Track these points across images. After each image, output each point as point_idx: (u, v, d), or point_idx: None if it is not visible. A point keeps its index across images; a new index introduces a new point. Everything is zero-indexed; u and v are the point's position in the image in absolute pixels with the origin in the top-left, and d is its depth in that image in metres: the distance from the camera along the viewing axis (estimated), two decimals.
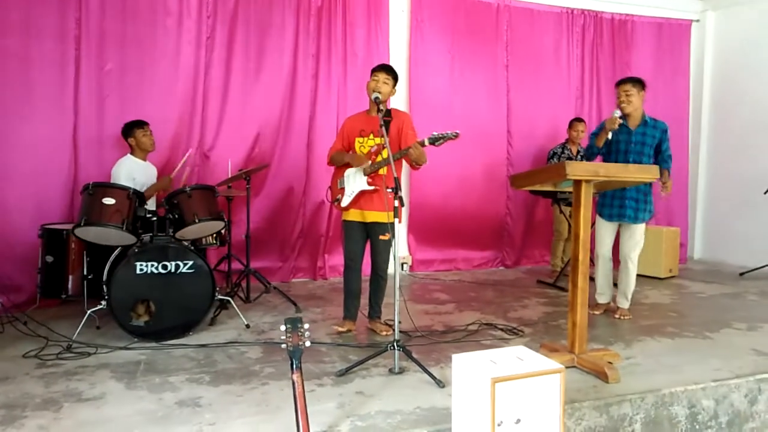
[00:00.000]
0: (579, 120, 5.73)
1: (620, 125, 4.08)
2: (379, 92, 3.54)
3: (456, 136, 3.29)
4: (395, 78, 3.71)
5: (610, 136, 4.07)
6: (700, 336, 3.83)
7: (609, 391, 2.83)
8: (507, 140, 6.24)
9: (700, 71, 6.98)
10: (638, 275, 5.72)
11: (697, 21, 6.98)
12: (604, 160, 4.25)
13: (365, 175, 3.63)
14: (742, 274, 5.99)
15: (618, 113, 4.02)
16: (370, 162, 3.60)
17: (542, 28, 6.37)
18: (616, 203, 4.19)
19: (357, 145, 3.73)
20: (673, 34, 6.88)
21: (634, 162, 4.09)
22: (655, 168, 3.15)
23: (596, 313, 4.37)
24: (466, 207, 6.08)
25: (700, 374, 3.06)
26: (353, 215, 3.74)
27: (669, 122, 6.69)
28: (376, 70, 3.70)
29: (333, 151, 3.83)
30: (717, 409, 2.93)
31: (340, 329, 3.82)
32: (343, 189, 3.74)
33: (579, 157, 5.53)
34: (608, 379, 2.92)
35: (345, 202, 3.72)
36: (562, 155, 5.56)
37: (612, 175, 3.08)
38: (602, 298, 4.43)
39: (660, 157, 4.24)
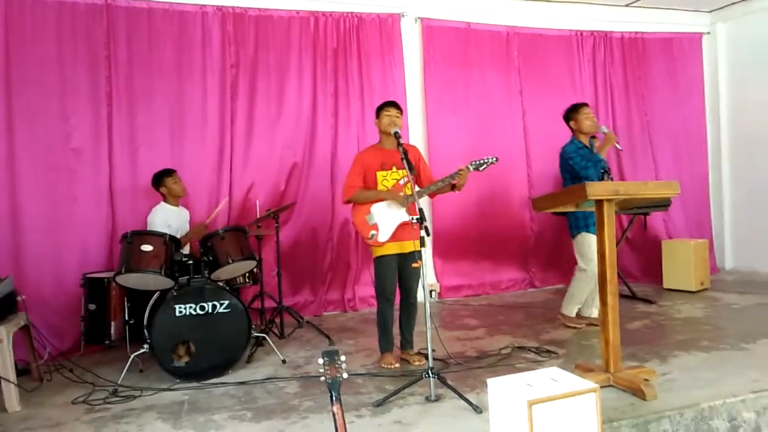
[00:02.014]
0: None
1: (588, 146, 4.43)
2: (397, 126, 3.69)
3: (496, 161, 3.62)
4: (401, 112, 3.86)
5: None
6: (736, 348, 3.80)
7: (647, 408, 2.84)
8: (526, 162, 6.31)
9: (715, 82, 6.99)
10: (670, 290, 5.79)
11: (708, 33, 7.04)
12: (585, 178, 4.40)
13: (404, 206, 3.67)
14: None
15: (605, 128, 4.32)
16: (405, 197, 3.65)
17: (553, 52, 6.48)
18: None
19: (380, 179, 3.77)
20: (684, 48, 6.94)
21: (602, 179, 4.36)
22: (676, 183, 3.19)
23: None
24: (490, 231, 6.14)
25: (738, 386, 3.05)
26: (390, 248, 3.70)
27: (687, 133, 6.90)
28: (387, 105, 3.80)
29: (355, 190, 3.74)
30: (759, 420, 2.91)
31: (395, 365, 3.76)
32: (375, 225, 3.69)
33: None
34: (645, 397, 2.92)
35: (384, 236, 3.67)
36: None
37: (633, 193, 3.14)
38: (594, 311, 4.60)
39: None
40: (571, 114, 4.50)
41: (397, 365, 3.78)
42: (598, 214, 3.22)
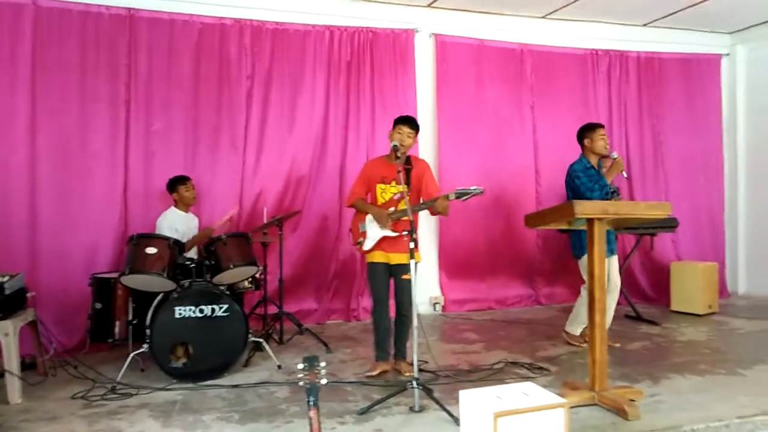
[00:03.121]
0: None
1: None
2: (403, 145, 3.74)
3: (481, 192, 3.49)
4: (417, 130, 3.89)
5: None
6: (731, 373, 3.75)
7: (628, 428, 2.85)
8: (535, 179, 6.32)
9: (734, 104, 6.92)
10: (677, 312, 5.70)
11: (727, 55, 6.97)
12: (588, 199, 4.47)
13: (386, 225, 3.75)
14: None
15: (615, 154, 4.29)
16: (390, 222, 3.72)
17: (567, 70, 6.49)
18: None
19: (378, 191, 3.87)
20: (702, 69, 6.88)
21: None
22: (667, 204, 3.20)
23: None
24: (497, 246, 6.16)
25: (725, 411, 3.03)
26: (378, 257, 3.85)
27: (702, 155, 6.83)
28: (400, 122, 3.84)
29: (355, 197, 3.94)
30: None
31: (372, 373, 3.81)
32: (365, 233, 3.86)
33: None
34: (628, 416, 2.93)
35: (368, 245, 3.85)
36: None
37: (623, 213, 3.15)
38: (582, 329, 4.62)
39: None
40: (586, 132, 4.48)
41: (375, 373, 3.81)
42: (589, 233, 3.24)
